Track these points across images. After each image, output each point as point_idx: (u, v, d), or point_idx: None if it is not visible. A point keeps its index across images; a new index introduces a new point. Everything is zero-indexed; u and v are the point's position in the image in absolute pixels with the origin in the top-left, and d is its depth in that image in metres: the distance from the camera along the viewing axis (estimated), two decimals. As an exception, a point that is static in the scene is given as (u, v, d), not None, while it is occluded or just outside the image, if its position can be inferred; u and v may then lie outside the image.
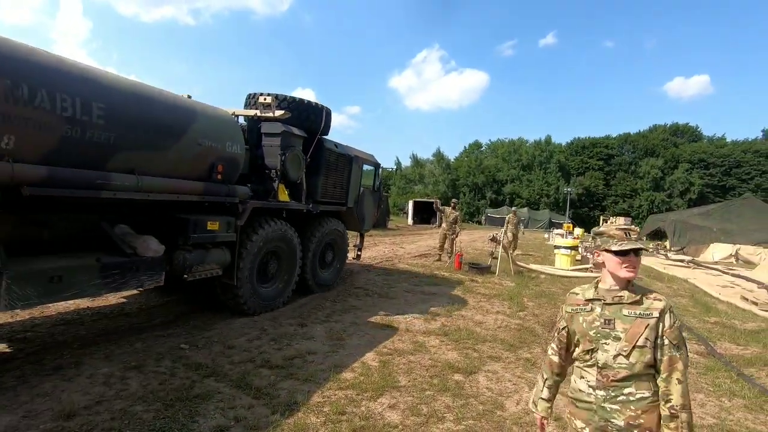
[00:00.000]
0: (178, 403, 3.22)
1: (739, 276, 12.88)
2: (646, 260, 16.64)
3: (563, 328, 1.91)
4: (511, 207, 42.02)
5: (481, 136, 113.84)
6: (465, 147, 68.08)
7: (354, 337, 5.09)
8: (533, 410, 2.03)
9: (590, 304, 1.81)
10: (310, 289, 6.97)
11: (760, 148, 50.28)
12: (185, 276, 4.58)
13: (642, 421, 1.65)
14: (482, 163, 60.61)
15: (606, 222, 3.21)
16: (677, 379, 1.64)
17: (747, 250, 17.36)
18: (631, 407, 1.67)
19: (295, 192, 6.32)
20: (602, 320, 1.75)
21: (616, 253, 1.72)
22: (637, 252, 1.72)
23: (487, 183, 57.77)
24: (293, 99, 6.42)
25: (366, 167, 8.34)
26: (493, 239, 11.25)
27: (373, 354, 4.59)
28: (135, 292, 6.17)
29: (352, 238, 9.28)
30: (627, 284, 1.76)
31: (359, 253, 9.19)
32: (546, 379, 1.98)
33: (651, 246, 22.36)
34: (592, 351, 1.76)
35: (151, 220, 4.57)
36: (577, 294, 1.90)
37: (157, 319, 5.30)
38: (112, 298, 5.91)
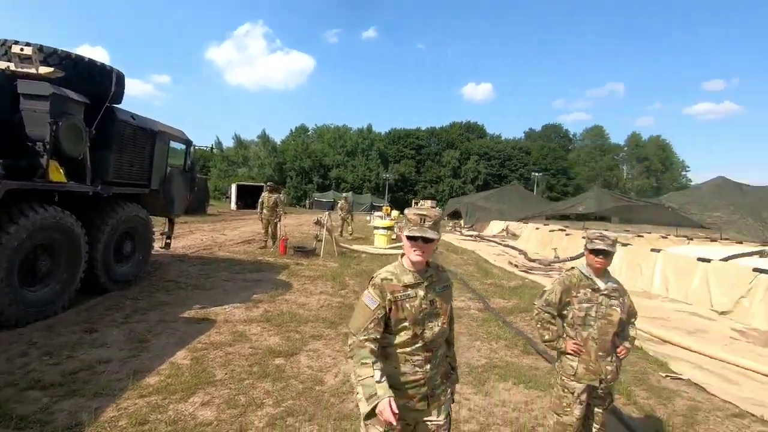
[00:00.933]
0: None
1: (507, 246, 16.44)
2: (447, 236, 19.68)
3: (382, 317, 1.74)
4: (339, 191, 43.75)
5: (308, 120, 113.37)
6: (292, 130, 67.17)
7: (161, 337, 4.53)
8: (375, 401, 1.52)
9: (410, 290, 1.80)
10: (103, 287, 5.88)
11: (522, 145, 65.34)
12: None
13: (443, 368, 1.93)
14: (309, 147, 60.91)
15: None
16: (451, 324, 2.01)
17: (513, 226, 22.30)
18: (441, 363, 1.92)
19: (77, 171, 5.16)
20: (428, 302, 1.80)
21: (407, 237, 1.79)
22: (426, 240, 1.75)
23: (314, 167, 58.46)
24: (68, 55, 5.16)
25: (174, 145, 7.40)
26: (318, 222, 11.51)
27: (185, 352, 4.17)
28: None
29: (160, 225, 8.20)
30: (426, 263, 1.85)
31: (168, 241, 8.18)
32: (374, 362, 1.63)
33: (450, 224, 26.57)
34: (420, 334, 1.78)
35: None
36: (391, 280, 1.81)
37: None
38: None
